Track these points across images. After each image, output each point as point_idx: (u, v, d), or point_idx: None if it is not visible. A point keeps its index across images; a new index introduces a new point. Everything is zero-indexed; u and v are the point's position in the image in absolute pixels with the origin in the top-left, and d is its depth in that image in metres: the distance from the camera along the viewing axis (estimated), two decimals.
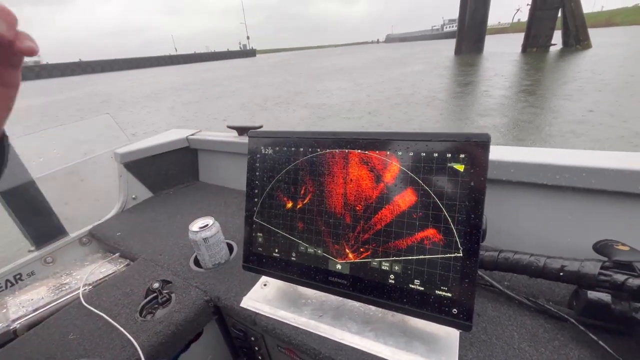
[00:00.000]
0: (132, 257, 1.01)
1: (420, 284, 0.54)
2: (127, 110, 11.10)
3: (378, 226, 0.57)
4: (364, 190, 0.58)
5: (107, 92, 18.26)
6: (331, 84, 12.96)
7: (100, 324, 0.73)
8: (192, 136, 1.46)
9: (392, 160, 0.56)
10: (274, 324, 0.67)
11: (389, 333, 0.62)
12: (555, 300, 0.64)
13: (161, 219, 1.19)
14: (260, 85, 14.97)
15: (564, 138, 4.89)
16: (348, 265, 0.60)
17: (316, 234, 0.63)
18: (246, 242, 0.72)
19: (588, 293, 0.54)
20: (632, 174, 0.64)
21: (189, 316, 0.73)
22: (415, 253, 0.54)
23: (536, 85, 8.88)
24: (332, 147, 0.62)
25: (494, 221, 0.79)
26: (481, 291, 0.69)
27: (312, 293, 0.73)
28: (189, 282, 0.83)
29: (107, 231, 1.16)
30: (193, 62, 79.82)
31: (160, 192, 1.44)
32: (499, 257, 0.65)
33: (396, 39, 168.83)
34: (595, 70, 10.25)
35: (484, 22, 24.65)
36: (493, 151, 0.78)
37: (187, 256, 0.94)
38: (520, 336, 0.58)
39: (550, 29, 20.50)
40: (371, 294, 0.58)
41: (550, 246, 0.77)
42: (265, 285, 0.78)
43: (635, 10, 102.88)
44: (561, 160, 0.71)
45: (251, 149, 0.71)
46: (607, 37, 28.84)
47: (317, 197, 0.63)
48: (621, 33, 37.46)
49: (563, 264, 0.58)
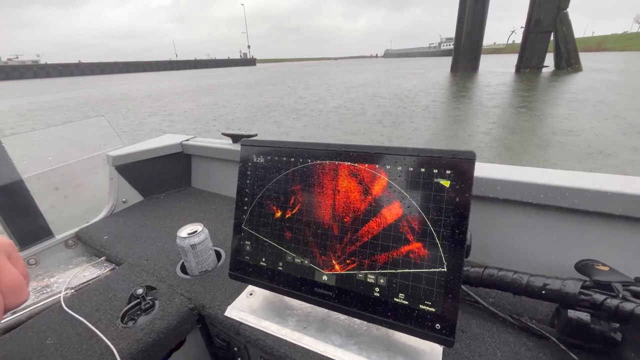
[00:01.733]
0: (118, 261, 1.00)
1: (405, 298, 0.54)
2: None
3: (365, 238, 0.58)
4: (353, 202, 0.59)
5: (89, 95, 18.11)
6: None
7: (80, 330, 0.71)
8: (186, 142, 1.46)
9: (381, 174, 0.57)
10: (257, 335, 0.67)
11: (372, 347, 0.61)
12: (538, 318, 0.65)
13: (150, 224, 1.18)
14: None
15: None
16: (334, 276, 0.60)
17: (304, 244, 0.64)
18: (234, 250, 0.71)
19: (568, 312, 0.55)
20: (612, 196, 0.66)
21: (172, 324, 0.72)
22: (401, 266, 0.54)
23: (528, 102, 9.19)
24: (322, 158, 0.63)
25: (480, 238, 0.80)
26: (466, 307, 0.69)
27: (297, 304, 0.73)
28: (173, 289, 0.82)
29: (94, 234, 1.15)
30: (193, 69, 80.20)
31: (151, 197, 1.42)
32: (483, 274, 0.66)
33: (394, 55, 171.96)
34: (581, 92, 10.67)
35: (479, 42, 25.36)
36: (481, 169, 0.80)
37: (174, 262, 0.93)
38: (502, 354, 0.58)
39: (542, 51, 21.09)
40: (356, 307, 0.58)
41: (535, 264, 0.78)
42: (251, 295, 0.77)
43: (624, 37, 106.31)
44: (545, 179, 0.72)
45: (243, 157, 0.71)
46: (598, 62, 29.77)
47: (306, 208, 0.64)
48: (611, 58, 38.77)
49: (545, 282, 0.59)
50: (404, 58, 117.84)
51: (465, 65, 25.20)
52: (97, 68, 67.05)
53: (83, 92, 20.82)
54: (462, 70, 24.72)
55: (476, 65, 25.38)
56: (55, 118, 10.39)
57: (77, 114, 10.94)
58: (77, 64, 66.16)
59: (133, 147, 1.39)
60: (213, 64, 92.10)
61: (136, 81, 32.48)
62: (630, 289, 0.52)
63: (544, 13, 20.12)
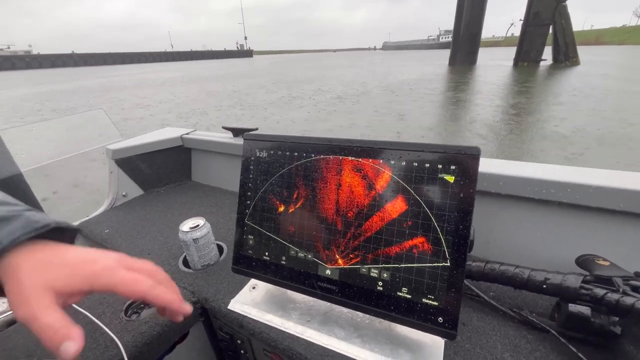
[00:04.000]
0: None
1: (408, 292, 0.54)
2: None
3: (368, 233, 0.58)
4: (356, 197, 0.59)
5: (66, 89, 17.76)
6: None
7: (83, 323, 0.71)
8: (187, 135, 1.45)
9: (385, 169, 0.57)
10: (260, 328, 0.67)
11: (375, 340, 0.62)
12: (538, 311, 0.66)
13: (151, 218, 1.18)
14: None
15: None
16: (337, 270, 0.61)
17: (307, 238, 0.64)
18: (236, 245, 0.72)
19: (569, 306, 0.56)
20: (614, 192, 0.66)
21: None
22: (404, 261, 0.55)
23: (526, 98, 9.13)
24: (326, 153, 0.62)
25: (482, 233, 0.81)
26: (467, 301, 0.70)
27: (300, 298, 0.73)
28: (176, 282, 0.82)
29: (94, 228, 1.14)
30: (188, 60, 79.30)
31: (152, 190, 1.42)
32: (485, 268, 0.67)
33: (393, 47, 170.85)
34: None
35: (478, 34, 25.23)
36: (483, 164, 0.80)
37: (175, 256, 0.93)
38: (503, 346, 0.59)
39: (541, 45, 21.05)
40: (359, 301, 0.59)
41: (536, 258, 0.78)
42: (254, 288, 0.78)
43: (623, 30, 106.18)
44: (548, 175, 0.73)
45: (246, 151, 0.71)
46: (596, 56, 29.75)
47: (309, 202, 0.64)
48: (609, 52, 38.76)
49: (546, 277, 0.60)
50: (402, 50, 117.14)
51: (464, 59, 25.10)
52: (90, 59, 66.13)
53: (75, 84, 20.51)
54: (460, 64, 24.62)
55: (474, 59, 25.29)
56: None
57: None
58: (70, 55, 65.22)
59: (133, 140, 1.39)
60: (209, 55, 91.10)
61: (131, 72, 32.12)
62: (631, 283, 0.53)
63: (543, 6, 20.05)
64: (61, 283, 0.34)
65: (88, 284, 0.35)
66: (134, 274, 0.37)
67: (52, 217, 0.38)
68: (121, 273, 0.37)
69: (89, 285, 0.35)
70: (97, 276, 0.36)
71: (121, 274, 0.37)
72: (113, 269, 0.37)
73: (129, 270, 0.38)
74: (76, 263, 0.36)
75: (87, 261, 0.36)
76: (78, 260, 0.36)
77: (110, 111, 7.95)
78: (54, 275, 0.34)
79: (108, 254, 0.39)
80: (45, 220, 0.36)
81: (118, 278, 0.36)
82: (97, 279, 0.35)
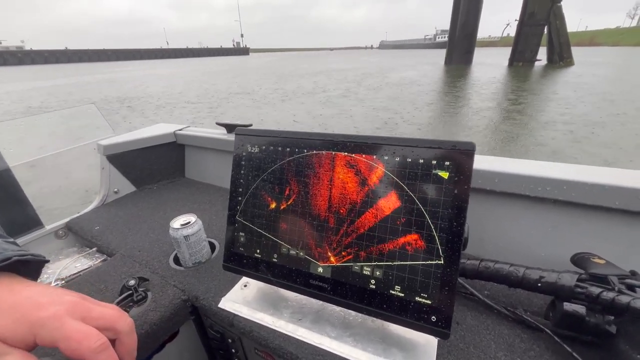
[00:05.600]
0: (110, 252, 0.98)
1: (401, 290, 0.53)
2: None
3: (361, 230, 0.57)
4: (349, 193, 0.58)
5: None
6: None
7: None
8: (180, 131, 1.43)
9: (378, 165, 0.55)
10: (252, 326, 0.66)
11: (367, 339, 0.61)
12: (532, 310, 0.65)
13: (142, 215, 1.16)
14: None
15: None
16: (329, 268, 0.60)
17: (299, 235, 0.63)
18: (228, 242, 0.70)
19: (564, 304, 0.55)
20: (610, 189, 0.66)
21: (165, 315, 0.71)
22: (397, 259, 0.54)
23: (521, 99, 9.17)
24: (319, 148, 0.61)
25: (477, 230, 0.80)
26: (462, 299, 0.70)
27: (292, 296, 0.72)
28: (166, 280, 0.81)
29: (85, 224, 1.12)
30: (184, 57, 78.78)
31: (144, 187, 1.40)
32: (479, 266, 0.66)
33: (389, 46, 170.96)
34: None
35: (473, 34, 25.33)
36: (478, 161, 0.79)
37: (167, 253, 0.91)
38: (497, 346, 0.59)
39: (536, 45, 21.18)
40: (351, 299, 0.57)
41: (531, 257, 0.78)
42: (245, 286, 0.76)
43: (617, 31, 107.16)
44: (544, 172, 0.72)
45: (237, 146, 0.70)
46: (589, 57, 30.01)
47: (301, 199, 0.62)
48: (602, 53, 39.13)
49: (541, 275, 0.59)
50: (399, 50, 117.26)
51: (459, 58, 25.18)
52: (84, 55, 65.41)
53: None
54: (456, 64, 24.70)
55: (470, 58, 25.39)
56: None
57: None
58: (64, 51, 64.43)
59: (125, 136, 1.36)
60: (205, 52, 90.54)
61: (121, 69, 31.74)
62: (626, 282, 0.53)
63: (538, 6, 20.14)
64: (8, 332, 0.29)
65: (32, 334, 0.30)
66: (83, 328, 0.31)
67: (16, 248, 0.34)
68: (68, 325, 0.31)
69: (32, 335, 0.30)
70: (41, 326, 0.30)
71: (68, 327, 0.31)
72: (61, 319, 0.31)
73: (82, 321, 0.32)
74: (26, 307, 0.31)
75: (36, 306, 0.31)
76: (28, 304, 0.31)
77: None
78: (1, 321, 0.30)
79: (64, 297, 0.33)
80: (5, 254, 0.32)
81: (63, 332, 0.30)
82: (40, 329, 0.30)
